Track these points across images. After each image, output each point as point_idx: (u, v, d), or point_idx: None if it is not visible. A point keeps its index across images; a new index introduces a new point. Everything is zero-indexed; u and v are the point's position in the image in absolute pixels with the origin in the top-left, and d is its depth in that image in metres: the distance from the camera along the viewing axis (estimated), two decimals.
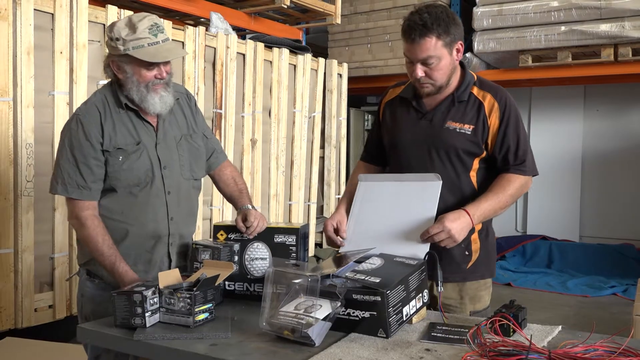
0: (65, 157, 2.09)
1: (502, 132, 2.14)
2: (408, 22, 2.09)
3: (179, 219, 2.23)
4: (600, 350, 1.49)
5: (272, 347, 1.66)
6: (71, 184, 2.07)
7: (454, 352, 1.61)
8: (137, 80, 2.08)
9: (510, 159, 2.15)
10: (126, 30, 2.03)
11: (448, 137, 2.16)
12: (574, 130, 7.54)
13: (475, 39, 6.25)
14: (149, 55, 2.03)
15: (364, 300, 1.72)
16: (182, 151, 2.23)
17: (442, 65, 2.09)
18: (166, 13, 4.99)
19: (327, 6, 5.78)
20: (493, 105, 2.15)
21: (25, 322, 3.27)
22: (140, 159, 2.13)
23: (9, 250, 3.19)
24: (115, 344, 1.85)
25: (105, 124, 2.10)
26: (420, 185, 2.12)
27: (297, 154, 5.33)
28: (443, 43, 2.06)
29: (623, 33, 5.51)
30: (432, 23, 2.03)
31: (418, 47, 2.06)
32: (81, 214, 2.08)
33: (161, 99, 2.11)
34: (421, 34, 2.04)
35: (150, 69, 2.07)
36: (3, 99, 3.15)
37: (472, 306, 2.21)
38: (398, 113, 2.29)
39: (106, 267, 2.07)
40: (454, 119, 2.16)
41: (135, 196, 2.14)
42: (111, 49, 2.08)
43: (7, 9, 3.14)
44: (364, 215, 2.19)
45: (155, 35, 2.04)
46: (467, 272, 2.20)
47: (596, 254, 6.90)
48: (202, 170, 2.34)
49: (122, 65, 2.08)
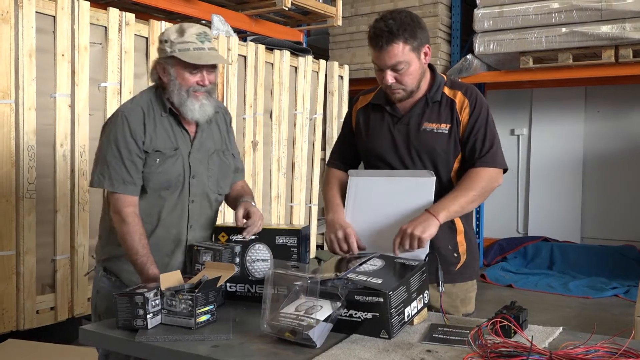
0: (111, 152, 2.10)
1: (470, 126, 2.16)
2: (374, 30, 2.10)
3: (197, 228, 2.25)
4: (601, 351, 1.49)
5: (273, 348, 1.66)
6: (117, 179, 2.09)
7: (455, 353, 1.61)
8: (179, 84, 2.12)
9: (477, 151, 2.15)
10: (175, 34, 2.10)
11: (427, 138, 2.17)
12: (575, 131, 7.53)
13: (476, 41, 6.25)
14: (193, 58, 2.08)
15: (366, 301, 1.72)
16: (213, 164, 2.27)
17: (412, 70, 2.10)
18: (168, 15, 5.00)
19: (328, 8, 5.79)
20: (464, 101, 2.17)
21: (27, 324, 3.27)
22: (175, 164, 2.17)
23: (11, 252, 3.20)
24: (117, 345, 1.85)
25: (147, 125, 2.14)
26: (413, 181, 2.13)
27: (298, 156, 5.34)
28: (410, 47, 2.07)
29: (624, 34, 5.51)
30: (397, 29, 2.05)
31: (386, 53, 2.07)
32: (124, 209, 2.09)
33: (201, 107, 2.14)
34: (388, 40, 2.05)
35: (194, 74, 2.11)
36: (5, 101, 3.16)
37: (463, 309, 2.23)
38: (372, 119, 2.29)
39: (137, 265, 2.06)
40: (429, 120, 2.17)
41: (164, 199, 2.17)
42: (159, 52, 2.15)
43: (9, 11, 3.15)
44: (359, 213, 2.19)
45: (202, 42, 2.11)
46: (456, 273, 2.22)
47: (597, 256, 6.89)
48: (227, 187, 2.37)
49: (167, 68, 2.13)
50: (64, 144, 3.43)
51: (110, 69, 3.66)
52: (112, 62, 3.67)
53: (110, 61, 3.66)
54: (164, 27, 3.96)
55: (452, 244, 2.19)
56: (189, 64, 2.09)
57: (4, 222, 3.18)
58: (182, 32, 2.10)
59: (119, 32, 3.70)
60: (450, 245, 2.19)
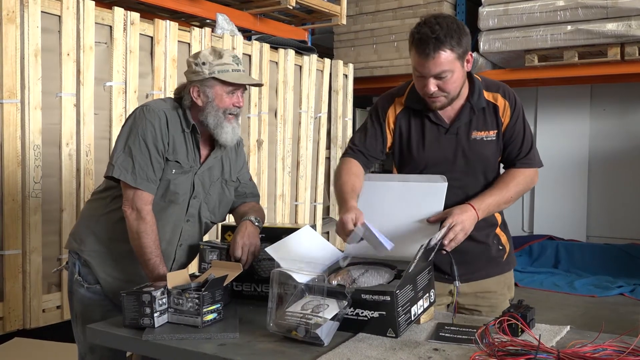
0: (138, 147, 2.09)
1: (511, 128, 2.15)
2: (419, 35, 1.97)
3: (185, 248, 2.26)
4: (609, 350, 1.49)
5: (280, 347, 1.66)
6: (141, 175, 2.08)
7: (462, 352, 1.61)
8: (217, 105, 2.14)
9: (517, 153, 2.15)
10: (212, 57, 2.12)
11: (478, 147, 2.14)
12: (581, 130, 7.51)
13: (481, 39, 6.24)
14: (234, 78, 2.12)
15: (373, 300, 1.72)
16: (213, 192, 2.27)
17: (455, 78, 2.02)
18: (172, 14, 5.01)
19: (333, 7, 5.78)
20: (505, 105, 2.15)
21: (34, 323, 3.28)
22: (186, 180, 2.17)
23: (17, 252, 3.21)
24: (123, 344, 1.86)
25: (170, 134, 2.14)
26: (426, 186, 2.10)
27: (303, 155, 5.33)
28: (456, 56, 1.98)
29: (630, 32, 5.49)
30: (445, 35, 1.94)
31: (432, 61, 1.96)
32: (144, 207, 2.08)
33: (233, 130, 2.17)
34: (435, 47, 1.94)
35: (231, 96, 2.14)
36: (11, 100, 3.17)
37: (509, 294, 2.30)
38: (415, 126, 2.19)
39: (149, 265, 2.06)
40: (477, 129, 2.14)
41: (165, 211, 2.16)
42: (193, 75, 2.15)
43: (14, 11, 3.15)
44: (369, 215, 2.17)
45: (238, 64, 2.15)
46: (504, 264, 2.28)
47: (603, 254, 6.87)
48: (221, 217, 2.37)
49: (204, 90, 2.13)
50: (69, 143, 3.44)
51: (116, 68, 3.67)
52: (117, 61, 3.68)
53: (116, 60, 3.67)
54: (169, 26, 3.97)
55: (495, 237, 2.23)
56: (228, 85, 2.12)
57: (10, 221, 3.18)
58: (220, 55, 2.13)
59: (124, 31, 3.70)
60: (495, 240, 2.23)
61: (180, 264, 2.26)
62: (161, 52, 3.94)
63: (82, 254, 2.21)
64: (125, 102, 3.72)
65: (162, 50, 3.95)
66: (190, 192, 2.19)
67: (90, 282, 2.20)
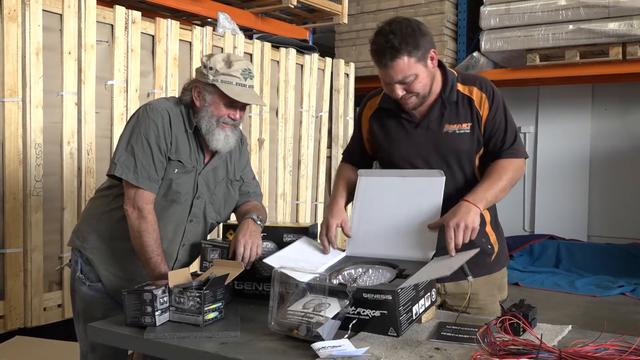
0: (140, 146, 2.09)
1: (491, 120, 2.13)
2: (375, 46, 2.00)
3: (187, 247, 2.26)
4: (611, 349, 1.48)
5: (281, 345, 1.66)
6: (143, 174, 2.08)
7: (464, 351, 1.60)
8: (211, 111, 2.13)
9: (502, 144, 2.14)
10: (222, 64, 2.11)
11: (450, 141, 2.13)
12: (582, 129, 7.50)
13: (482, 38, 6.23)
14: (234, 93, 2.10)
15: (375, 299, 1.72)
16: (218, 192, 2.27)
17: (421, 79, 2.03)
18: (174, 13, 5.01)
19: (334, 6, 5.78)
20: (481, 97, 2.13)
21: (35, 321, 3.28)
22: (188, 180, 2.17)
23: (18, 250, 3.21)
24: (125, 342, 1.86)
25: (173, 133, 2.14)
26: (424, 180, 2.10)
27: (304, 154, 5.33)
28: (416, 59, 1.99)
29: (631, 32, 5.48)
30: (400, 43, 1.95)
31: (392, 70, 1.99)
32: (145, 206, 2.08)
33: (225, 138, 2.16)
34: (392, 57, 1.96)
35: (228, 107, 2.13)
36: (12, 99, 3.17)
37: (500, 295, 2.26)
38: (387, 125, 2.22)
39: (149, 262, 2.06)
40: (450, 122, 2.13)
41: (166, 210, 2.16)
42: (200, 75, 2.14)
43: (16, 9, 3.15)
44: (368, 211, 2.15)
45: (246, 79, 2.13)
46: (492, 264, 2.24)
47: (604, 254, 6.86)
48: (226, 217, 2.37)
49: (203, 93, 2.13)
50: (70, 142, 3.44)
51: (117, 66, 3.67)
52: (119, 60, 3.68)
53: (117, 59, 3.67)
54: (170, 25, 3.97)
55: (484, 235, 2.17)
56: (227, 97, 2.10)
57: (11, 219, 3.18)
58: (230, 64, 2.10)
59: (125, 30, 3.70)
60: (484, 238, 2.16)
61: (182, 264, 2.26)
62: (162, 51, 3.94)
63: (84, 252, 2.22)
64: (126, 101, 3.72)
65: (164, 49, 3.95)
66: (193, 192, 2.19)
67: (92, 280, 2.21)
